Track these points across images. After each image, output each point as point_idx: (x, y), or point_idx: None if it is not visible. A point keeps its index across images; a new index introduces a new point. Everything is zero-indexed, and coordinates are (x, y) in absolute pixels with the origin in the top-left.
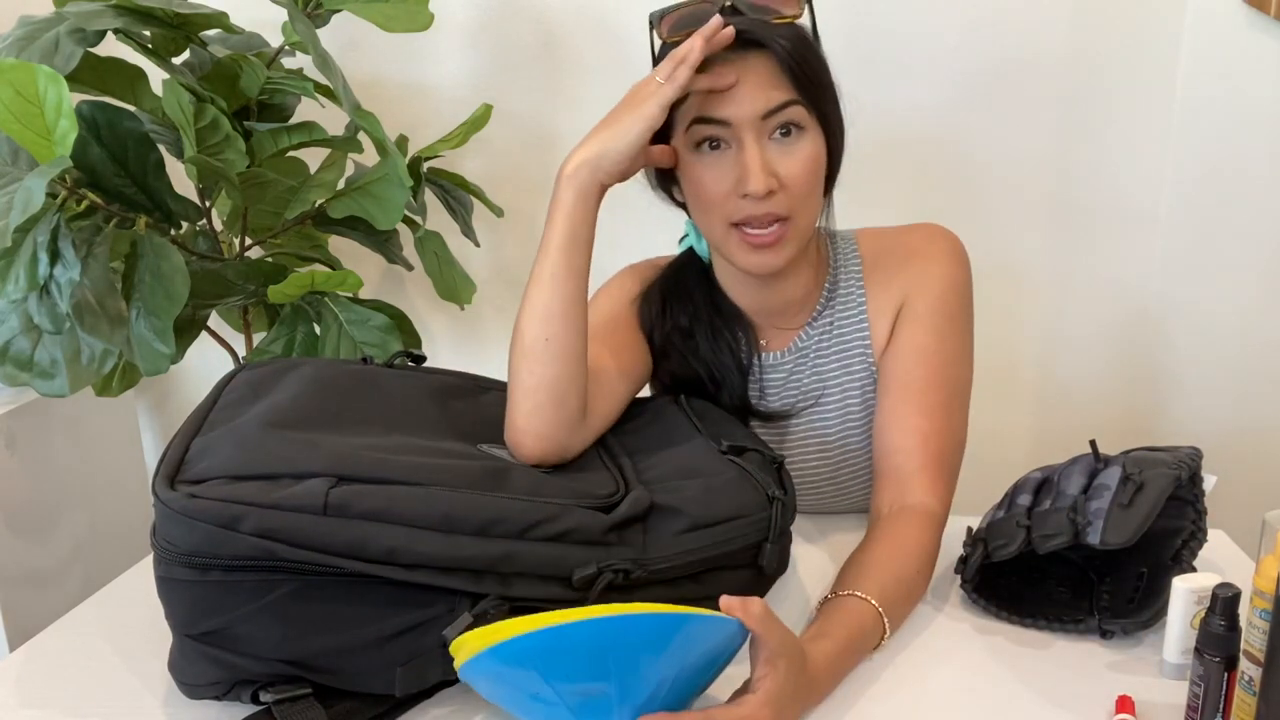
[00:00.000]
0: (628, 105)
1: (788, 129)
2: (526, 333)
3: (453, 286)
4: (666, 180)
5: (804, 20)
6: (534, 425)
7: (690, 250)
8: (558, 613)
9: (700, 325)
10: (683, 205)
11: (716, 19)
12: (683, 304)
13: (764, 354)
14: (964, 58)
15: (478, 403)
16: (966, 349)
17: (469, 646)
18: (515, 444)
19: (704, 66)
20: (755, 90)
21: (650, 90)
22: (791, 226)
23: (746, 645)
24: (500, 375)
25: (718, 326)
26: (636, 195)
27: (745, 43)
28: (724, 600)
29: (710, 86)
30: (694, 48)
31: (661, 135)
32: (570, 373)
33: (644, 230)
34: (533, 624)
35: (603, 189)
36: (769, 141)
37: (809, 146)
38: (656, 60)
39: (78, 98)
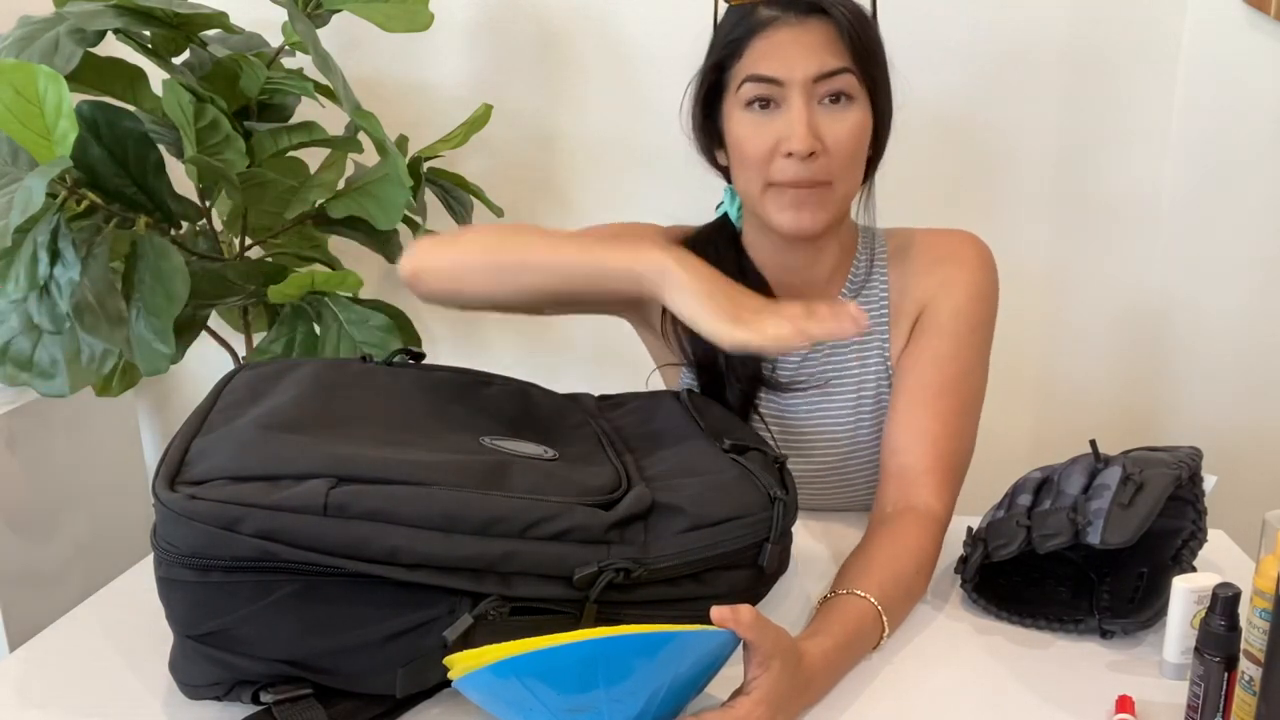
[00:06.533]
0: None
1: (837, 97)
2: (489, 259)
3: None
4: (711, 143)
5: (864, 1)
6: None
7: (724, 217)
8: (549, 636)
9: None
10: (723, 171)
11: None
12: (712, 265)
13: None
14: (964, 56)
15: (480, 396)
16: (984, 359)
17: (462, 665)
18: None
19: (766, 26)
20: (811, 54)
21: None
22: (830, 192)
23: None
24: (500, 373)
25: None
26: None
27: (808, 7)
28: (714, 612)
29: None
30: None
31: (714, 96)
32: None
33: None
34: (524, 647)
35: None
36: (818, 106)
37: (856, 115)
38: (717, 19)
39: (78, 98)
